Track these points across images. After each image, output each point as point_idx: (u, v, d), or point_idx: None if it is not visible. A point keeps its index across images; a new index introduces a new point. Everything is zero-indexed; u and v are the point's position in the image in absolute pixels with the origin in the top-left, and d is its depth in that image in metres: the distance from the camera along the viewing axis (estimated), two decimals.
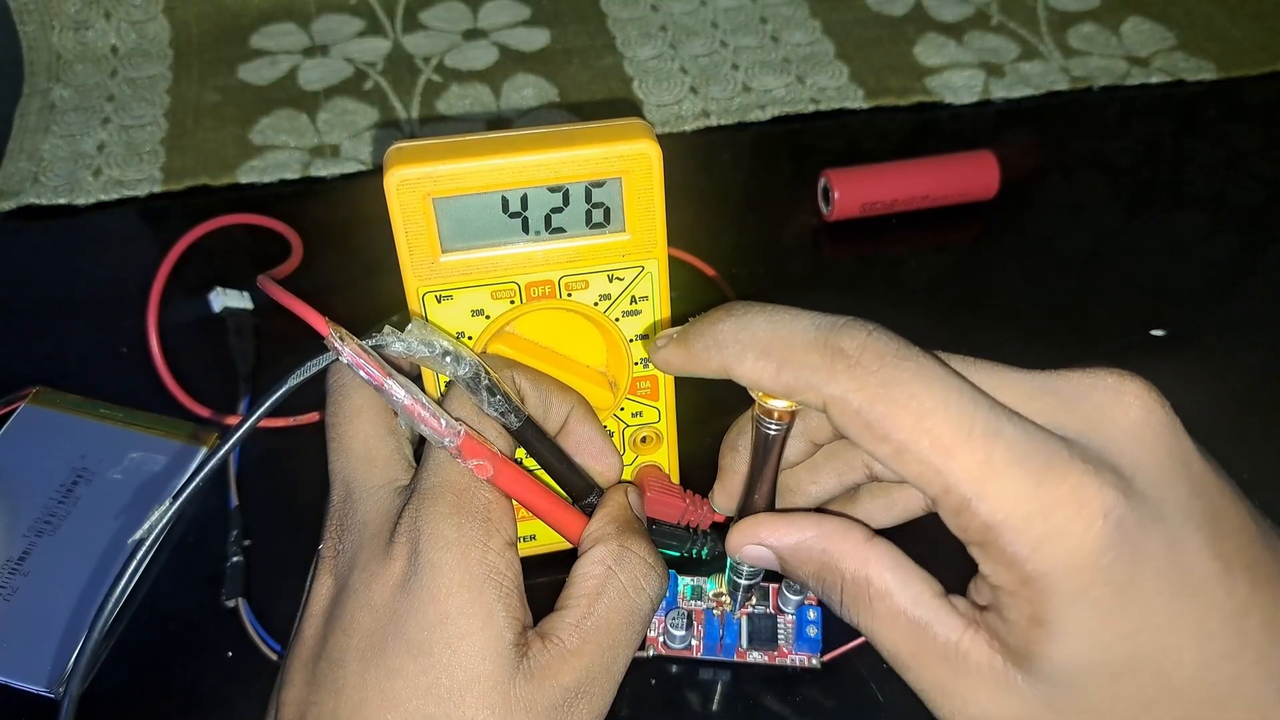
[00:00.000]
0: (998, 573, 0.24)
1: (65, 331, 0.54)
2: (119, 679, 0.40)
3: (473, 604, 0.28)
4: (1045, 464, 0.23)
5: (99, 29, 0.71)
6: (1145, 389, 0.25)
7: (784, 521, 0.28)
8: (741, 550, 0.29)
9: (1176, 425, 0.25)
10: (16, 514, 0.44)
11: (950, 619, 0.25)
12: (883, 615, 0.26)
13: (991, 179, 0.59)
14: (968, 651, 0.25)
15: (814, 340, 0.25)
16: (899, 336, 0.25)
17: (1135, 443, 0.24)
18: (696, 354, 0.28)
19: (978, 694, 0.25)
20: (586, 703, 0.29)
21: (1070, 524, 0.23)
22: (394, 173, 0.31)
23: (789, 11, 0.74)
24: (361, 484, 0.31)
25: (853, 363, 0.24)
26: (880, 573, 0.26)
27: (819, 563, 0.27)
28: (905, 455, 0.24)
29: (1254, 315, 0.55)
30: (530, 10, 0.75)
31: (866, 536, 0.27)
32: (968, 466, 0.23)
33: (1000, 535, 0.23)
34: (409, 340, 0.29)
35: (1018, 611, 0.24)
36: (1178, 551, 0.23)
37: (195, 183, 0.61)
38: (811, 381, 0.25)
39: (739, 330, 0.27)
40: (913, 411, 0.24)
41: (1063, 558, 0.23)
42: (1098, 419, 0.24)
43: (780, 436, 0.29)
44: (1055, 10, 0.74)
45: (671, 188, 0.32)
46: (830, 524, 0.28)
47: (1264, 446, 0.48)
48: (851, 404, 0.24)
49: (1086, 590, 0.23)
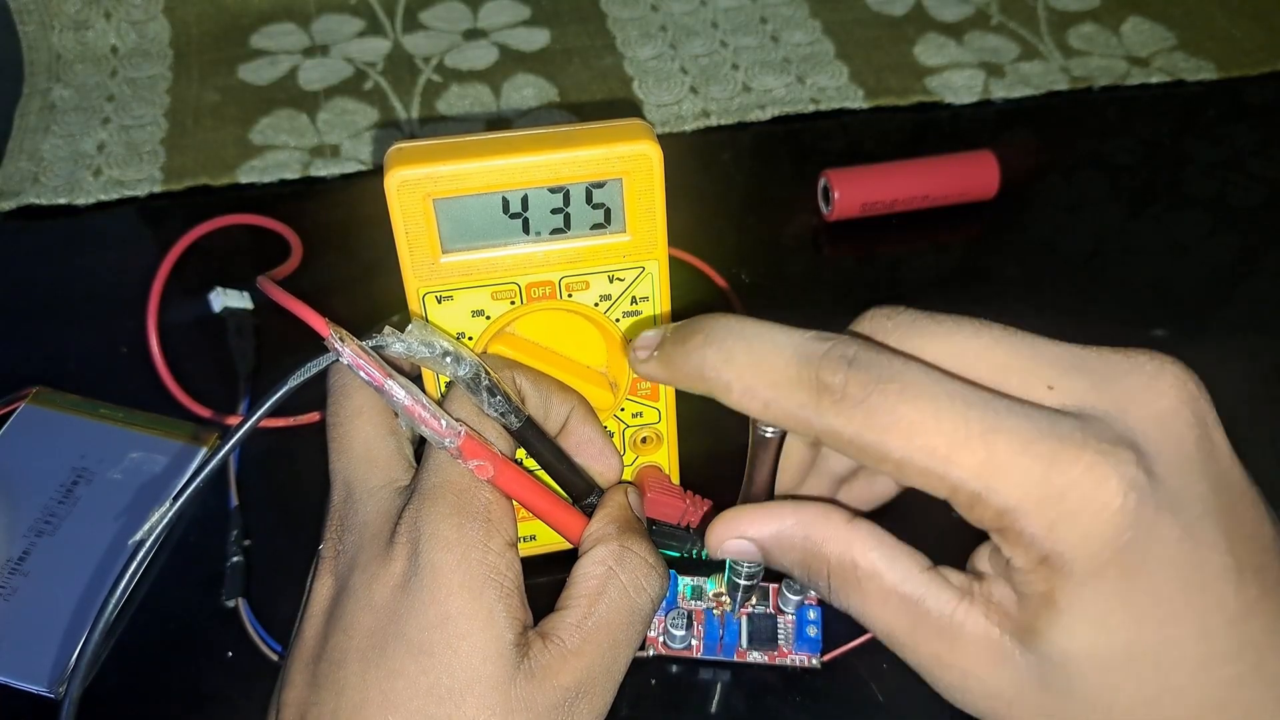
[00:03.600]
0: (1017, 555, 0.24)
1: (65, 331, 0.54)
2: (119, 679, 0.40)
3: (473, 604, 0.28)
4: (1055, 448, 0.23)
5: (99, 29, 0.71)
6: (1183, 377, 0.25)
7: (762, 512, 0.28)
8: (723, 545, 0.29)
9: (1209, 416, 0.25)
10: (16, 514, 0.44)
11: (943, 592, 0.25)
12: (873, 595, 0.26)
13: (991, 179, 0.59)
14: (963, 623, 0.25)
15: (797, 376, 0.25)
16: (882, 352, 0.25)
17: (1163, 430, 0.24)
18: (679, 378, 0.28)
19: (975, 666, 0.25)
20: (587, 703, 0.29)
21: (1085, 504, 0.22)
22: (394, 173, 0.31)
23: (789, 11, 0.74)
24: (362, 484, 0.31)
25: (838, 396, 0.24)
26: (865, 553, 0.26)
27: (802, 550, 0.27)
28: (907, 469, 0.24)
29: (1254, 315, 0.55)
30: (530, 10, 0.75)
31: (847, 518, 0.27)
32: (970, 466, 0.23)
33: (1016, 520, 0.23)
34: (409, 341, 0.29)
35: (1032, 588, 0.24)
36: (1192, 543, 0.23)
37: (195, 183, 0.61)
38: (799, 417, 0.25)
39: (722, 363, 0.26)
40: (903, 432, 0.24)
41: (1078, 537, 0.23)
42: (1128, 403, 0.24)
43: (776, 439, 0.29)
44: (1055, 10, 0.75)
45: (672, 188, 0.32)
46: (809, 510, 0.27)
47: (1264, 447, 0.48)
48: (843, 435, 0.24)
49: (1102, 570, 0.23)
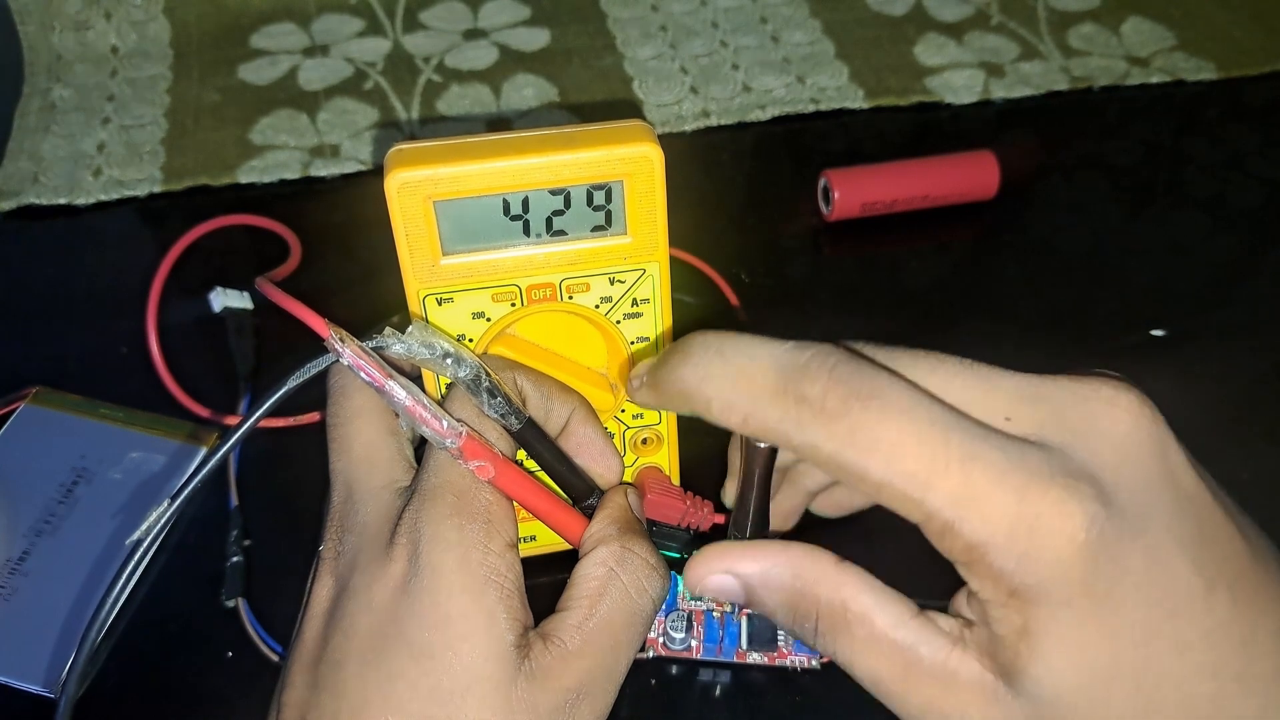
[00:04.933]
0: (985, 588, 0.24)
1: (65, 331, 0.54)
2: (119, 679, 0.40)
3: (474, 606, 0.28)
4: (1026, 480, 0.23)
5: (99, 29, 0.71)
6: (1138, 402, 0.25)
7: (748, 550, 0.27)
8: (703, 582, 0.28)
9: (1167, 439, 0.25)
10: (16, 514, 0.44)
11: (935, 638, 0.25)
12: (864, 640, 0.25)
13: (991, 179, 0.59)
14: (957, 670, 0.25)
15: (775, 388, 0.25)
16: (863, 365, 0.25)
17: (1121, 456, 0.24)
18: (666, 401, 0.28)
19: (969, 711, 0.24)
20: (588, 704, 0.29)
21: (1052, 537, 0.23)
22: (395, 175, 0.31)
23: (789, 11, 0.74)
24: (362, 485, 0.31)
25: (817, 410, 0.24)
26: (857, 596, 0.26)
27: (790, 590, 0.26)
28: (884, 492, 0.24)
29: (1254, 316, 0.55)
30: (530, 10, 0.75)
31: (836, 560, 0.26)
32: (947, 494, 0.23)
33: (986, 553, 0.23)
34: (409, 342, 0.29)
35: (1006, 625, 0.24)
36: (1158, 566, 0.23)
37: (195, 183, 0.61)
38: (779, 430, 0.25)
39: (700, 381, 0.26)
40: (883, 454, 0.23)
41: (1047, 569, 0.23)
42: (1085, 430, 0.24)
43: (768, 450, 0.29)
44: (1055, 10, 0.75)
45: (672, 188, 0.32)
46: (797, 550, 0.27)
47: (1264, 447, 0.48)
48: (822, 451, 0.24)
49: (1070, 601, 0.23)
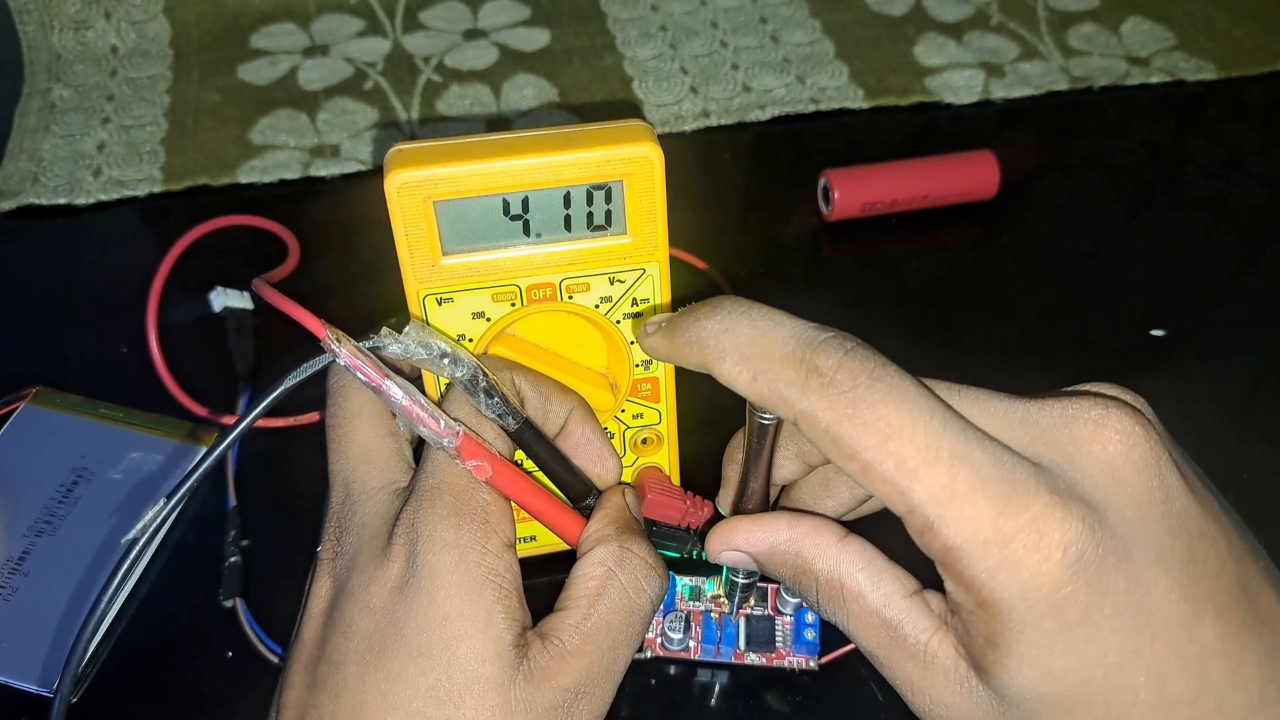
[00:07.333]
0: (958, 592, 0.24)
1: (65, 331, 0.54)
2: (117, 679, 0.40)
3: (471, 606, 0.28)
4: (1009, 492, 0.23)
5: (99, 29, 0.71)
6: (1130, 421, 0.25)
7: (758, 525, 0.29)
8: (720, 555, 0.30)
9: (1161, 459, 0.24)
10: (16, 514, 0.44)
11: (921, 620, 0.26)
12: (856, 614, 0.27)
13: (991, 179, 0.59)
14: (935, 653, 0.26)
15: (791, 354, 0.25)
16: (878, 355, 0.25)
17: (1111, 478, 0.24)
18: (679, 346, 0.28)
19: (943, 693, 0.25)
20: (586, 704, 0.29)
21: (1027, 555, 0.23)
22: (394, 175, 0.31)
23: (789, 11, 0.74)
24: (361, 485, 0.31)
25: (825, 380, 0.25)
26: (852, 573, 0.27)
27: (794, 565, 0.28)
28: (871, 474, 0.24)
29: (1254, 315, 0.55)
30: (530, 10, 0.75)
31: (839, 536, 0.28)
32: (931, 489, 0.23)
33: (959, 559, 0.24)
34: (406, 342, 0.29)
35: (975, 629, 0.24)
36: (1142, 591, 0.23)
37: (195, 183, 0.61)
38: (784, 394, 0.25)
39: (722, 331, 0.27)
40: (880, 433, 0.24)
41: (1017, 586, 0.23)
42: (1074, 452, 0.24)
43: (773, 426, 0.29)
44: (1055, 10, 0.74)
45: (672, 188, 0.32)
46: (803, 525, 0.28)
47: (1263, 447, 0.48)
48: (821, 421, 0.25)
49: (1039, 621, 0.23)
